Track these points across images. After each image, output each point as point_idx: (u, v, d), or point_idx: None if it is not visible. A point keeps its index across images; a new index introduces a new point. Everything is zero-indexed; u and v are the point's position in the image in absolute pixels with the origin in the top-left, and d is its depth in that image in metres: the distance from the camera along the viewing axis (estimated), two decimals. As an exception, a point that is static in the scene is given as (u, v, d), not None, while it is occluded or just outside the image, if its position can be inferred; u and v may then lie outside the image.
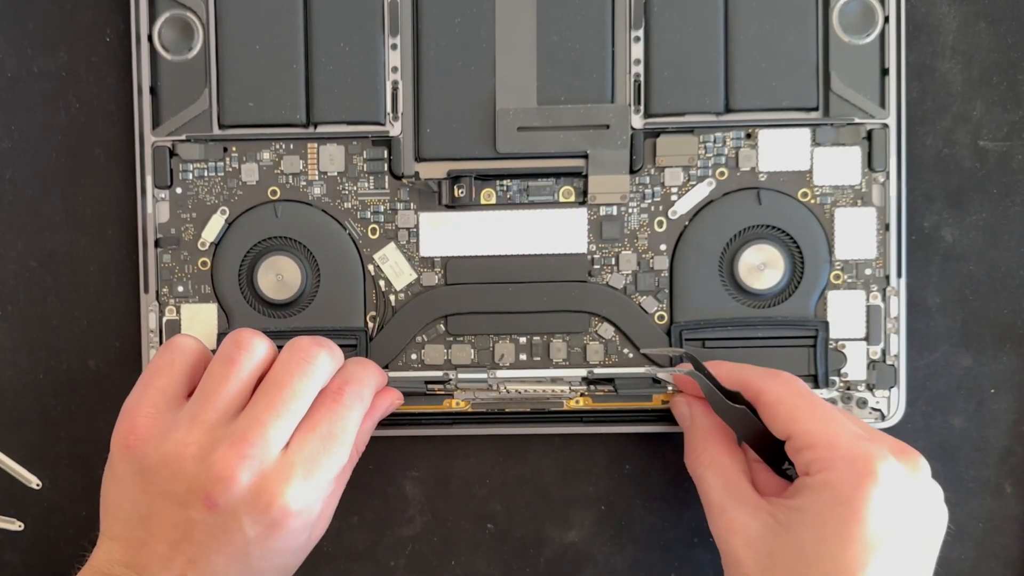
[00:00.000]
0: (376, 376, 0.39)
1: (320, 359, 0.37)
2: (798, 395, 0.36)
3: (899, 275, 0.41)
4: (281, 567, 0.36)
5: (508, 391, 0.41)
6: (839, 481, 0.34)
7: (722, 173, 0.42)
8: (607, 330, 0.42)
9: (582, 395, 0.41)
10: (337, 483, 0.39)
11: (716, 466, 0.38)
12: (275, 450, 0.35)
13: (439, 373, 0.42)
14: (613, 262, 0.42)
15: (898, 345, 0.41)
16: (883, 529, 0.33)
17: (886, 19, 0.41)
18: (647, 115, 0.41)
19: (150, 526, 0.35)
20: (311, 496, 0.35)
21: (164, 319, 0.42)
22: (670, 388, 0.41)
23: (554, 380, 0.42)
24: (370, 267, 0.42)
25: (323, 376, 0.37)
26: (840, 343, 0.41)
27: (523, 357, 0.42)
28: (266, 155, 0.42)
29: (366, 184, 0.42)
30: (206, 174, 0.42)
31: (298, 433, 0.36)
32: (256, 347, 0.37)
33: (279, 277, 0.42)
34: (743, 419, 0.37)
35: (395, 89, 0.42)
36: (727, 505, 0.37)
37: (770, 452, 0.38)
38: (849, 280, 0.41)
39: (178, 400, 0.37)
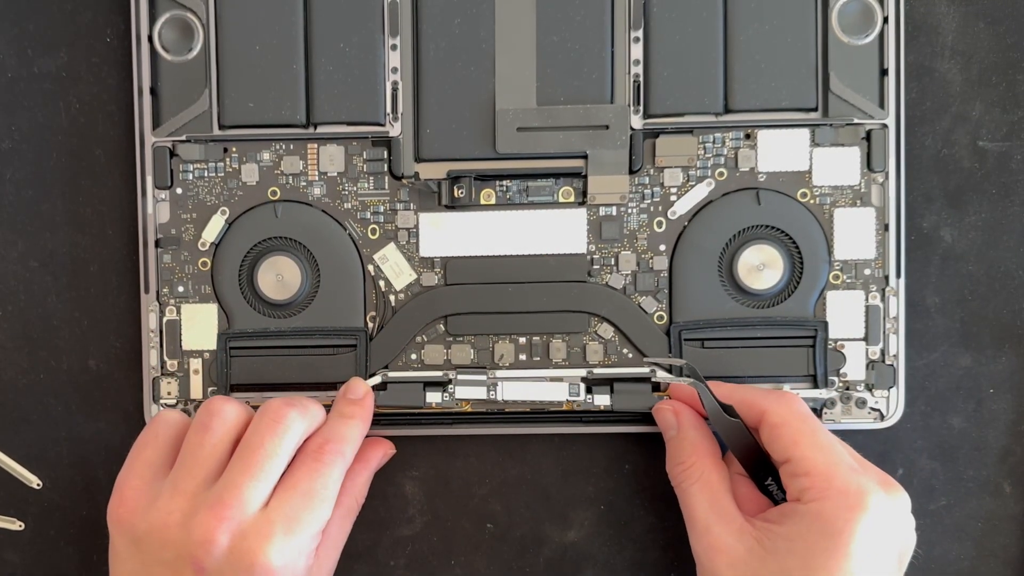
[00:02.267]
0: (358, 431, 0.39)
1: (290, 419, 0.37)
2: (802, 419, 0.37)
3: (898, 275, 0.41)
4: None
5: (506, 401, 0.41)
6: (831, 513, 0.35)
7: (721, 173, 0.42)
8: (607, 330, 0.42)
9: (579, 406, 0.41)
10: (338, 535, 0.39)
11: (704, 482, 0.38)
12: (253, 510, 0.35)
13: (439, 373, 0.42)
14: (613, 262, 0.42)
15: (897, 345, 0.41)
16: (867, 559, 0.34)
17: (885, 19, 0.41)
18: (646, 115, 0.41)
19: None
20: (293, 552, 0.35)
21: (164, 319, 0.42)
22: (667, 395, 0.41)
23: (553, 379, 0.42)
24: (370, 267, 0.42)
25: (295, 435, 0.37)
26: (839, 343, 0.41)
27: (523, 357, 0.42)
28: (266, 155, 0.42)
29: (366, 184, 0.42)
30: (206, 174, 0.42)
31: (278, 491, 0.36)
32: (227, 412, 0.37)
33: (279, 277, 0.42)
34: (737, 433, 0.38)
35: (395, 89, 0.42)
36: (712, 524, 0.37)
37: (756, 468, 0.38)
38: (848, 280, 0.41)
39: (164, 471, 0.37)
